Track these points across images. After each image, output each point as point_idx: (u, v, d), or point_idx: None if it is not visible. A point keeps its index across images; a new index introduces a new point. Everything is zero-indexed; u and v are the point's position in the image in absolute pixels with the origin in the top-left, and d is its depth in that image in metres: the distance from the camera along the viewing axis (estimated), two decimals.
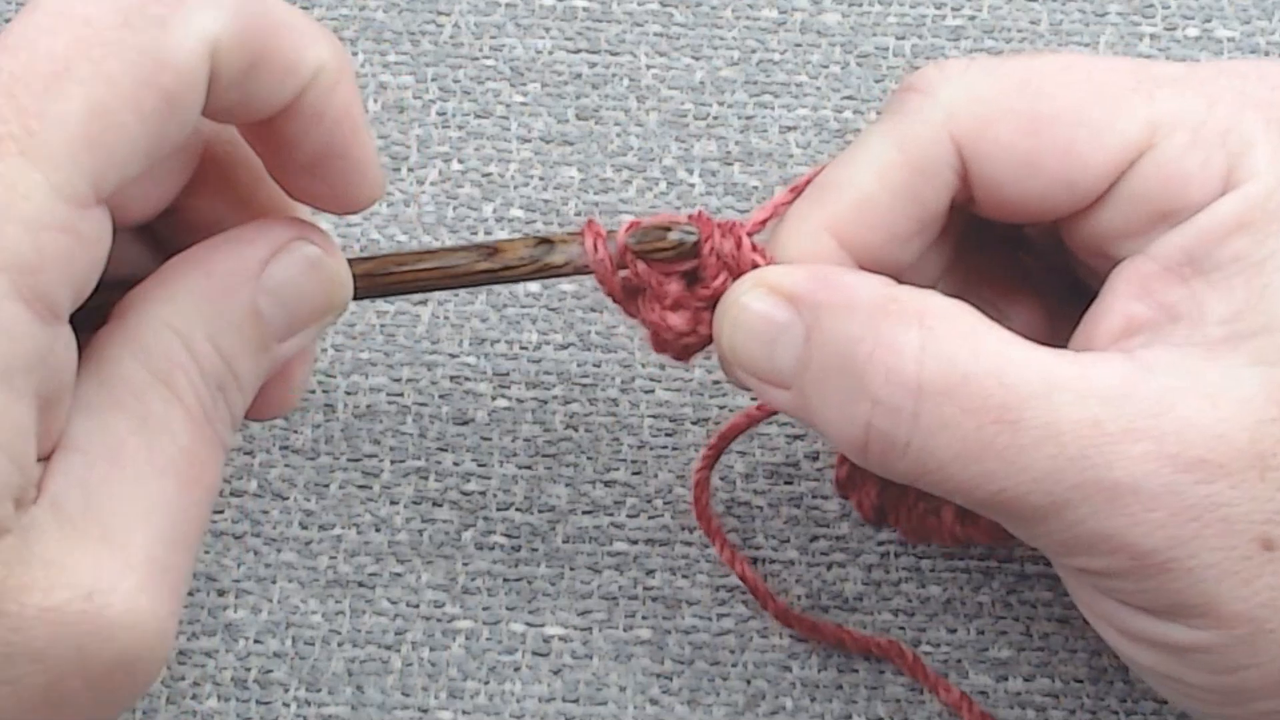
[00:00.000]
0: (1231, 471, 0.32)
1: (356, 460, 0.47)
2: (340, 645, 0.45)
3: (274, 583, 0.45)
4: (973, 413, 0.33)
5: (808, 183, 0.38)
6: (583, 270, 0.38)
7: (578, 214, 0.50)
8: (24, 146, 0.29)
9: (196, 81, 0.30)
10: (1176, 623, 0.34)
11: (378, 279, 0.38)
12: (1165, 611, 0.34)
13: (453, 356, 0.48)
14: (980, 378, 0.33)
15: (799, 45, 0.52)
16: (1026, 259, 0.41)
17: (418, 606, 0.45)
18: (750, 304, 0.36)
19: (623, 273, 0.38)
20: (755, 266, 0.37)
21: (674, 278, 0.38)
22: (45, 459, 0.31)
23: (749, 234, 0.38)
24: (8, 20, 0.52)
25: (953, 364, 0.33)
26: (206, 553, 0.45)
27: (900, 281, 0.36)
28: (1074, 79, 0.35)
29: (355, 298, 0.37)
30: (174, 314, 0.33)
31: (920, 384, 0.33)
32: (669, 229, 0.38)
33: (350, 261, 0.37)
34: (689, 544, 0.46)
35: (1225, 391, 0.33)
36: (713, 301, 0.38)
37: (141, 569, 0.31)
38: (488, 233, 0.49)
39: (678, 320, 0.38)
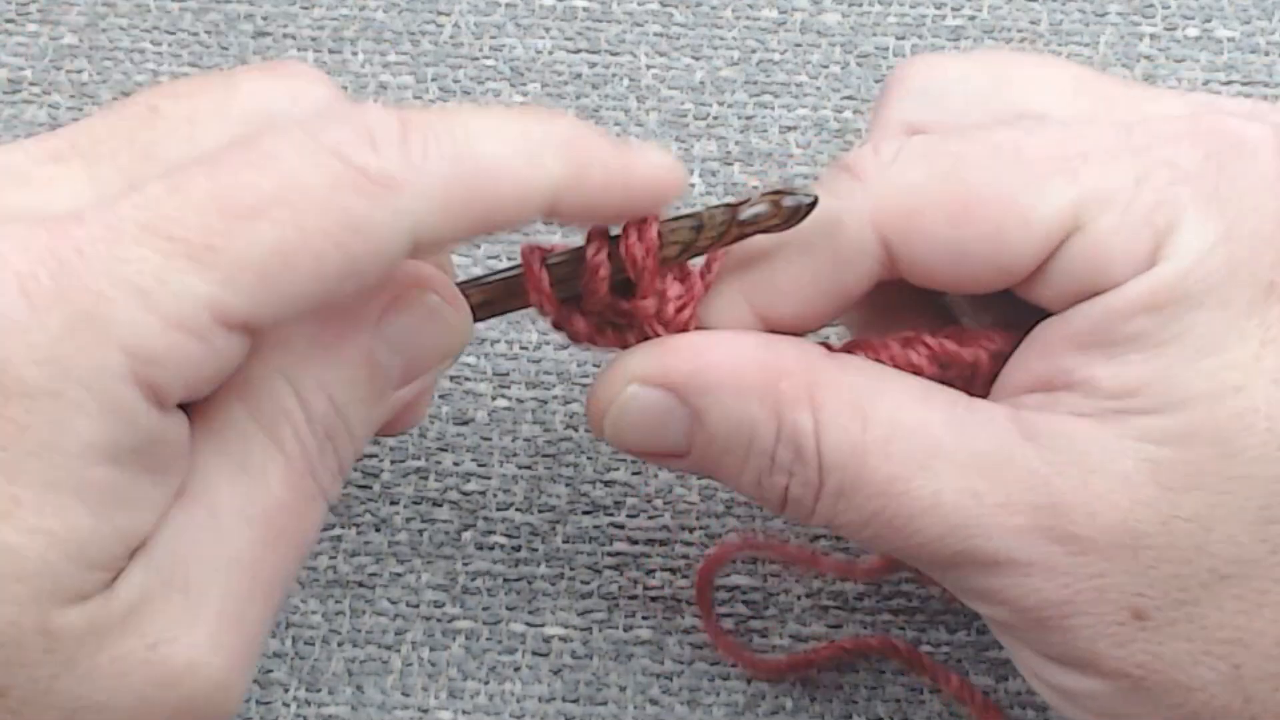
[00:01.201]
0: (1103, 547, 0.33)
1: (357, 460, 0.47)
2: (340, 645, 0.45)
3: None
4: (863, 485, 0.35)
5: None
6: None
7: None
8: (197, 257, 0.29)
9: (389, 254, 0.31)
10: (1067, 669, 0.35)
11: (495, 307, 0.38)
12: (1058, 659, 0.35)
13: None
14: (869, 452, 0.35)
15: (799, 45, 0.52)
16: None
17: (418, 606, 0.45)
18: (629, 399, 0.36)
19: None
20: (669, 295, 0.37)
21: (599, 292, 0.36)
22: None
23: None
24: (8, 20, 0.52)
25: (844, 440, 0.35)
26: None
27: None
28: (1000, 160, 0.35)
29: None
30: (286, 360, 0.33)
31: (820, 461, 0.35)
32: (779, 195, 0.36)
33: (463, 288, 0.37)
34: (689, 544, 0.46)
35: (1103, 467, 0.33)
36: (626, 321, 0.37)
37: (212, 621, 0.31)
38: None
39: (581, 325, 0.37)
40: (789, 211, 0.36)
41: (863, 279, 0.36)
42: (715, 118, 0.51)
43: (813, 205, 0.35)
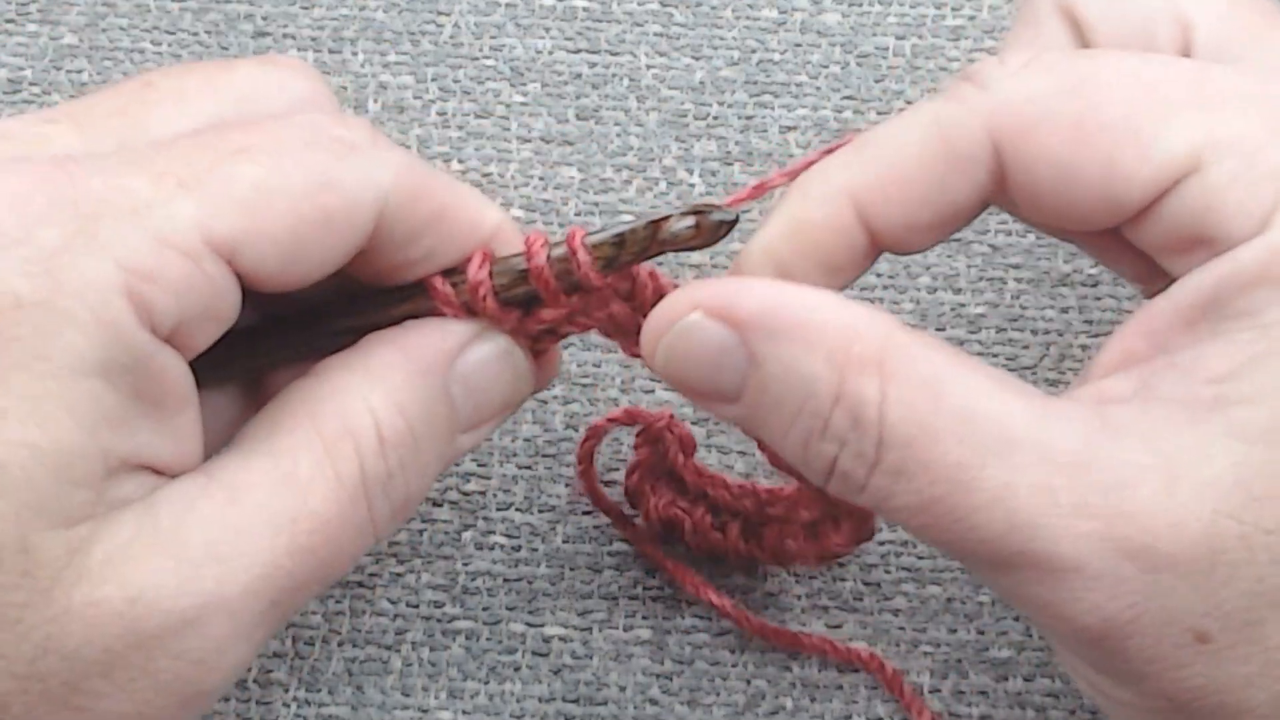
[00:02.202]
0: (1178, 562, 0.31)
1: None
2: (340, 645, 0.45)
3: None
4: (928, 467, 0.32)
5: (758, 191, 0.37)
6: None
7: (578, 214, 0.50)
8: (184, 183, 0.31)
9: (357, 214, 0.33)
10: (1113, 681, 0.33)
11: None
12: (1103, 670, 0.33)
13: None
14: (939, 433, 0.32)
15: (799, 45, 0.52)
16: None
17: (418, 606, 0.45)
18: (688, 328, 0.34)
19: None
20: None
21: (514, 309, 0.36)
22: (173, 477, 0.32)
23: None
24: (8, 20, 0.52)
25: (912, 417, 0.32)
26: None
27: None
28: (1128, 85, 0.33)
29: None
30: (365, 383, 0.33)
31: (880, 435, 0.33)
32: (700, 213, 0.35)
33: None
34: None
35: (1190, 472, 0.31)
36: (558, 323, 0.37)
37: (203, 601, 0.31)
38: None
39: (520, 334, 0.37)
40: (710, 228, 0.35)
41: (971, 192, 0.34)
42: (715, 118, 0.51)
43: (733, 223, 0.35)
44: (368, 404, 0.33)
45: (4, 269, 0.29)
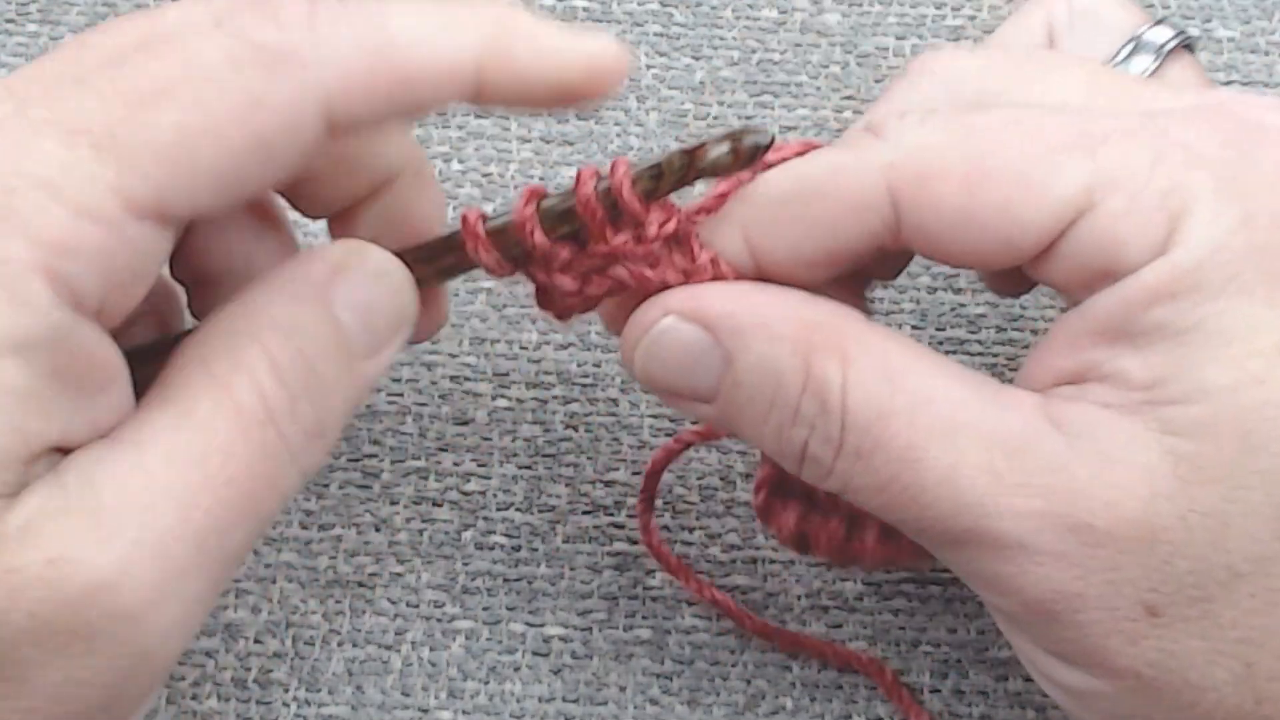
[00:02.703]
0: (1119, 539, 0.33)
1: (356, 460, 0.47)
2: (340, 645, 0.45)
3: (274, 583, 0.45)
4: (882, 448, 0.34)
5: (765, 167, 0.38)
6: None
7: None
8: (99, 144, 0.29)
9: (296, 129, 0.31)
10: (1073, 668, 0.34)
11: (442, 257, 0.37)
12: (1064, 656, 0.35)
13: (453, 356, 0.48)
14: (892, 416, 0.34)
15: (799, 45, 0.52)
16: None
17: (418, 606, 0.45)
18: (664, 331, 0.36)
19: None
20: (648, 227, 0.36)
21: (564, 244, 0.37)
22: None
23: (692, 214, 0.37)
24: (8, 20, 0.52)
25: (869, 400, 0.34)
26: None
27: (819, 290, 0.36)
28: (1018, 134, 0.34)
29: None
30: (248, 320, 0.33)
31: (843, 417, 0.34)
32: (737, 138, 0.36)
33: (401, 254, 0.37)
34: (689, 544, 0.46)
35: (1126, 458, 0.33)
36: (605, 261, 0.37)
37: (126, 548, 0.30)
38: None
39: (566, 281, 0.37)
40: (748, 152, 0.35)
41: (865, 237, 0.36)
42: (715, 118, 0.51)
43: (770, 144, 0.35)
44: (255, 339, 0.33)
45: None
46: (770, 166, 0.36)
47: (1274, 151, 0.34)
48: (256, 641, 0.45)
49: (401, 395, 0.47)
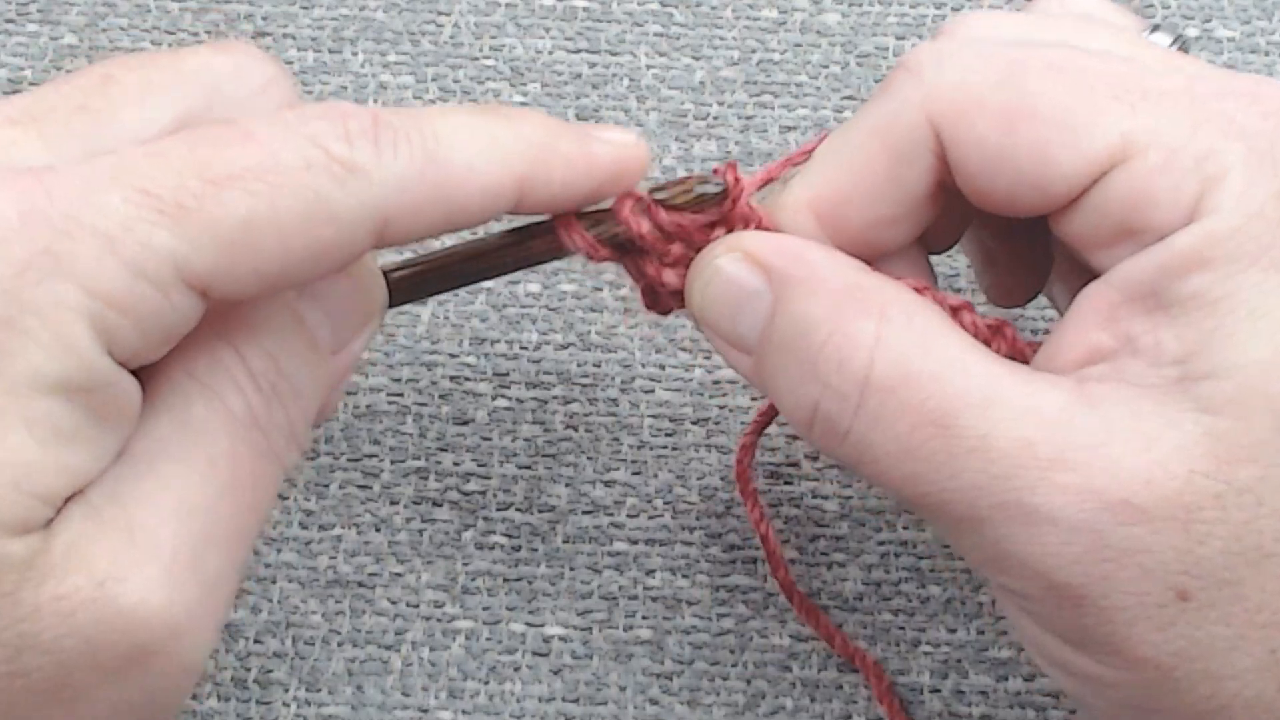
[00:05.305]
0: (1154, 518, 0.32)
1: (356, 460, 0.47)
2: (340, 645, 0.45)
3: (274, 583, 0.45)
4: (910, 412, 0.33)
5: (812, 149, 0.38)
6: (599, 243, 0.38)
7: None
8: (166, 211, 0.30)
9: (352, 242, 0.32)
10: (1088, 656, 0.34)
11: (415, 276, 0.38)
12: (1078, 643, 0.34)
13: (453, 356, 0.48)
14: (924, 379, 0.33)
15: (799, 45, 0.52)
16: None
17: (418, 606, 0.45)
18: (724, 267, 0.36)
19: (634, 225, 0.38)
20: (748, 226, 0.38)
21: (676, 240, 0.38)
22: None
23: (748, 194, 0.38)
24: (8, 20, 0.52)
25: (901, 361, 0.34)
26: None
27: (879, 266, 0.36)
28: (1060, 77, 0.34)
29: (396, 302, 0.38)
30: (221, 325, 0.33)
31: (868, 376, 0.34)
32: (691, 182, 0.37)
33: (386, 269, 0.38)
34: (689, 544, 0.46)
35: (1163, 436, 0.32)
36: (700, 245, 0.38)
37: (163, 562, 0.31)
38: (489, 233, 0.49)
39: (672, 277, 0.38)
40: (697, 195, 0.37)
41: (922, 176, 0.36)
42: (715, 118, 0.51)
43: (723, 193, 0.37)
44: (228, 342, 0.33)
45: None
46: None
47: None
48: (256, 641, 0.45)
49: (401, 395, 0.47)
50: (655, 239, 0.37)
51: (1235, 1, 0.53)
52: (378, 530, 0.46)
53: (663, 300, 0.39)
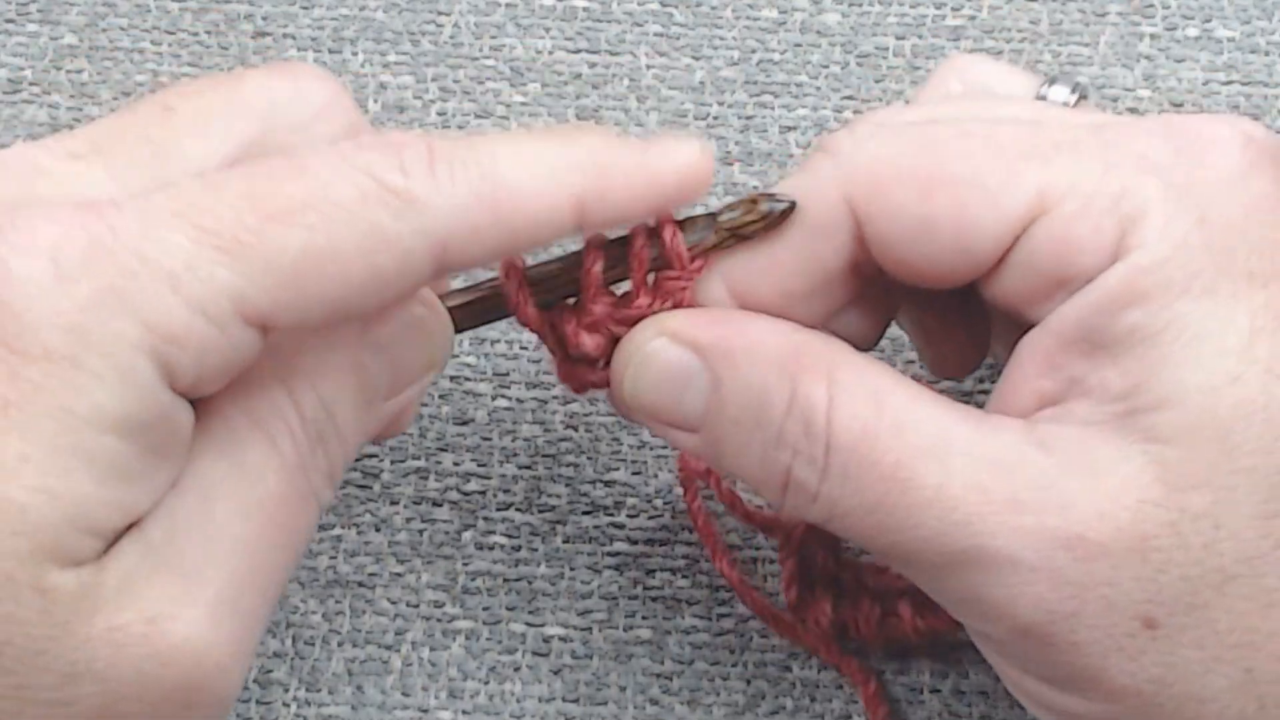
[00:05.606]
0: (1110, 551, 0.32)
1: (356, 460, 0.47)
2: (340, 645, 0.45)
3: None
4: (869, 468, 0.34)
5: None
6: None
7: None
8: (225, 248, 0.30)
9: (409, 270, 0.32)
10: (1070, 693, 0.34)
11: (482, 307, 0.38)
12: (1057, 681, 0.34)
13: (453, 356, 0.48)
14: (880, 435, 0.34)
15: (799, 45, 0.52)
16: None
17: (418, 606, 0.45)
18: (657, 351, 0.36)
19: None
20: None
21: (601, 298, 0.37)
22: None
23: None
24: (8, 20, 0.52)
25: (856, 419, 0.34)
26: None
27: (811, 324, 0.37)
28: (971, 143, 0.35)
29: (461, 329, 0.38)
30: (279, 366, 0.33)
31: (828, 438, 0.34)
32: (755, 201, 0.36)
33: (449, 296, 0.38)
34: (689, 544, 0.46)
35: (1112, 470, 0.33)
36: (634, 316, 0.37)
37: (210, 602, 0.31)
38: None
39: (589, 343, 0.37)
40: (764, 214, 0.36)
41: (837, 254, 0.36)
42: (715, 118, 0.51)
43: (791, 209, 0.36)
44: (284, 384, 0.33)
45: (38, 320, 0.29)
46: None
47: (1222, 159, 0.34)
48: None
49: None
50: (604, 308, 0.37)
51: (1235, 1, 0.53)
52: (378, 530, 0.46)
53: (578, 373, 0.38)
